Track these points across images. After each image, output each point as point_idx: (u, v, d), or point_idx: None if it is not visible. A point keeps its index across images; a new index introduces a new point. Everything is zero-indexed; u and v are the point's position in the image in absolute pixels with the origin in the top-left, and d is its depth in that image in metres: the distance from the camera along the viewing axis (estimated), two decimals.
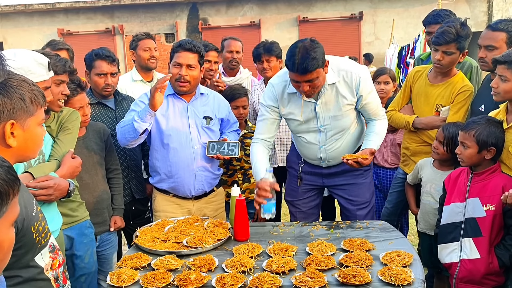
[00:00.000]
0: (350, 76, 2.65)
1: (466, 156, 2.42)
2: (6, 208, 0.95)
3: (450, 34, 2.83)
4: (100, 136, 2.80)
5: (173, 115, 2.82)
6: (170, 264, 2.16)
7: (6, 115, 1.37)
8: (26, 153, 1.48)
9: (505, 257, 2.35)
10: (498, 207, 2.35)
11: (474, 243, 2.40)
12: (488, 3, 15.14)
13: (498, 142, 2.35)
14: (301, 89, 2.55)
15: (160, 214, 2.89)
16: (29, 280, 1.43)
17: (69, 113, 2.44)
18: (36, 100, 1.46)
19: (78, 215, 2.50)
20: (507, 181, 2.35)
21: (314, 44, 2.48)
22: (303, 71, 2.44)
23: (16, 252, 1.36)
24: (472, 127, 2.40)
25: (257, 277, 1.98)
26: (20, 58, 1.96)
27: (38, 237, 1.44)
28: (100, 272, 2.78)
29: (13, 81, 1.41)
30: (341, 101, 2.68)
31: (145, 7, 15.97)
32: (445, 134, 2.78)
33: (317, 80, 2.52)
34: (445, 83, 3.02)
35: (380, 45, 14.97)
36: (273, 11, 15.72)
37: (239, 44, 4.03)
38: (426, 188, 2.95)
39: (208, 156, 2.81)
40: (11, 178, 0.96)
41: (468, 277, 2.44)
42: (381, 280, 1.95)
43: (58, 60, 2.33)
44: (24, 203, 1.37)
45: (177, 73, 2.75)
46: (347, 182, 2.89)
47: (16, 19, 16.18)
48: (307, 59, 2.42)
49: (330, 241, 2.40)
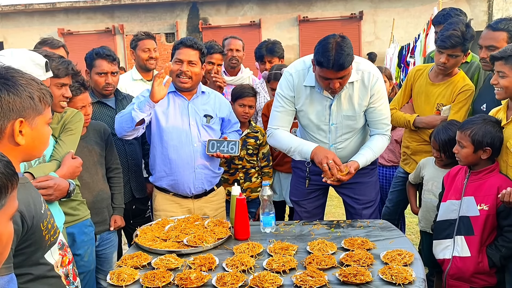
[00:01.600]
0: (368, 76, 2.62)
1: (463, 156, 2.42)
2: (4, 202, 0.96)
3: (457, 38, 2.81)
4: (101, 135, 2.79)
5: (173, 112, 2.82)
6: (170, 263, 2.16)
7: (15, 113, 1.37)
8: (33, 151, 1.48)
9: (495, 258, 2.36)
10: (492, 208, 2.36)
11: (466, 241, 2.41)
12: (488, 2, 15.13)
13: (495, 142, 2.34)
14: (331, 86, 2.48)
15: (160, 214, 2.89)
16: (40, 278, 1.44)
17: (73, 114, 2.44)
18: (44, 99, 1.46)
19: (79, 214, 2.50)
20: (502, 182, 2.35)
21: (345, 40, 2.43)
22: (339, 68, 2.39)
23: (26, 249, 1.37)
24: (468, 127, 2.40)
25: (257, 276, 1.97)
26: (16, 58, 1.95)
27: (48, 235, 1.45)
28: (100, 271, 2.79)
29: (22, 80, 1.41)
30: (355, 101, 2.65)
31: (145, 6, 15.97)
32: (438, 142, 2.79)
33: (347, 77, 2.49)
34: (446, 82, 3.02)
35: (380, 44, 14.96)
36: (273, 11, 15.72)
37: (239, 42, 4.03)
38: (428, 186, 2.94)
39: (208, 154, 2.80)
40: (9, 172, 0.96)
41: (458, 275, 2.46)
42: (382, 279, 1.94)
43: (60, 63, 2.29)
44: (33, 201, 1.39)
45: (178, 69, 2.74)
46: (353, 181, 2.86)
47: (17, 19, 16.18)
48: (342, 55, 2.36)
49: (330, 240, 2.39)
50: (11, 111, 1.36)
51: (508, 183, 2.32)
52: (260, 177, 3.34)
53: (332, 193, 3.15)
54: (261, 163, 3.34)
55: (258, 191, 3.23)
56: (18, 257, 1.33)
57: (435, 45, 2.98)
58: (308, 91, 2.67)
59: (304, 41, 15.29)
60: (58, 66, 2.27)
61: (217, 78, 3.48)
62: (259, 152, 3.30)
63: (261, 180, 3.29)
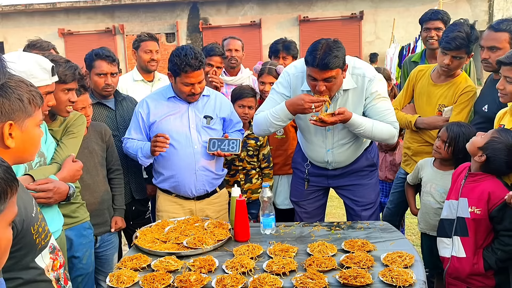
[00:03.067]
0: (362, 81, 2.61)
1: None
2: (4, 207, 0.95)
3: (462, 39, 2.80)
4: (102, 136, 2.79)
5: (173, 115, 2.82)
6: (170, 265, 2.15)
7: (4, 116, 1.36)
8: (24, 154, 1.46)
9: (491, 260, 2.37)
10: (483, 212, 2.35)
11: (462, 242, 2.42)
12: (489, 2, 15.12)
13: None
14: (317, 88, 2.48)
15: (162, 214, 2.90)
16: (30, 282, 1.42)
17: (75, 117, 2.43)
18: (34, 101, 1.44)
19: (78, 216, 2.49)
20: (495, 187, 2.35)
21: (338, 44, 2.45)
22: (323, 67, 2.39)
23: (16, 253, 1.35)
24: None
25: (257, 278, 1.97)
26: (23, 61, 1.94)
27: (38, 238, 1.43)
28: (101, 272, 2.78)
29: (11, 82, 1.40)
30: (351, 107, 2.63)
31: (145, 7, 15.98)
32: (449, 133, 2.74)
33: (334, 81, 2.47)
34: (449, 83, 3.01)
35: (381, 44, 14.96)
36: (274, 11, 15.73)
37: (238, 43, 4.02)
38: (427, 188, 2.93)
39: (209, 153, 2.80)
40: (9, 177, 0.96)
41: (455, 274, 2.48)
42: (382, 281, 1.93)
43: (67, 68, 2.27)
44: (23, 204, 1.36)
45: (189, 90, 2.74)
46: (353, 183, 2.87)
47: (17, 19, 16.19)
48: (329, 55, 2.37)
49: (331, 241, 2.38)
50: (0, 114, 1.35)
51: (501, 188, 2.33)
52: (261, 178, 3.33)
53: (333, 194, 3.14)
54: (262, 164, 3.33)
55: (258, 192, 3.22)
56: (8, 261, 1.31)
57: (439, 46, 2.97)
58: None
59: (304, 41, 15.28)
60: (65, 71, 2.25)
61: (213, 78, 3.48)
62: (259, 153, 3.29)
63: (262, 181, 3.29)
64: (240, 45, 4.03)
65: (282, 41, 3.77)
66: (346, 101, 2.64)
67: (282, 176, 3.38)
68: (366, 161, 2.88)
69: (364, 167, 2.89)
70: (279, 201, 3.34)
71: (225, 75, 3.96)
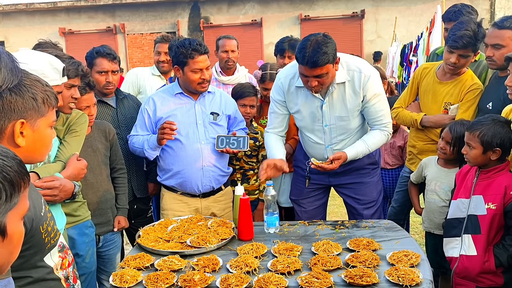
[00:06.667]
0: (359, 76, 2.60)
1: (472, 157, 2.39)
2: (17, 200, 0.95)
3: (469, 38, 2.77)
4: (105, 135, 2.77)
5: (180, 112, 2.82)
6: (173, 264, 2.13)
7: (17, 114, 1.34)
8: (34, 154, 1.44)
9: (503, 257, 2.33)
10: (499, 207, 2.32)
11: (473, 240, 2.39)
12: (490, 0, 15.07)
13: (505, 142, 2.31)
14: (309, 84, 2.50)
15: (167, 213, 2.88)
16: (39, 281, 1.42)
17: (78, 116, 2.42)
18: (48, 101, 1.42)
19: (80, 215, 2.47)
20: (511, 181, 2.31)
21: (326, 39, 2.45)
22: (312, 65, 2.40)
23: (25, 252, 1.34)
24: (477, 128, 2.35)
25: (262, 277, 1.95)
26: (36, 61, 1.93)
27: (47, 238, 1.42)
28: (103, 272, 2.77)
29: (26, 80, 1.38)
30: (348, 101, 2.64)
31: (146, 5, 15.95)
32: (453, 134, 2.73)
33: (326, 76, 2.48)
34: (454, 81, 2.98)
35: (382, 43, 14.91)
36: (275, 10, 15.69)
37: (234, 42, 3.99)
38: (431, 186, 2.91)
39: (218, 150, 2.80)
40: (22, 171, 0.96)
41: (464, 273, 2.44)
42: (389, 280, 1.91)
43: (70, 64, 2.28)
44: (32, 202, 1.35)
45: (199, 78, 2.74)
46: (354, 181, 2.86)
47: (18, 18, 16.16)
48: (318, 53, 2.38)
49: (335, 240, 2.36)
50: (12, 111, 1.33)
51: None
52: (259, 179, 3.29)
53: (335, 193, 3.12)
54: None
55: (255, 194, 3.20)
56: (17, 260, 1.30)
57: (446, 44, 2.94)
58: (301, 92, 2.69)
59: None
60: (68, 67, 2.24)
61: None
62: (259, 154, 3.24)
63: (259, 183, 3.24)
64: (235, 45, 4.00)
65: (288, 39, 3.76)
66: (344, 94, 2.64)
67: (285, 174, 3.35)
68: (367, 159, 2.86)
69: (366, 165, 2.88)
70: (282, 200, 3.32)
71: (222, 75, 3.94)
